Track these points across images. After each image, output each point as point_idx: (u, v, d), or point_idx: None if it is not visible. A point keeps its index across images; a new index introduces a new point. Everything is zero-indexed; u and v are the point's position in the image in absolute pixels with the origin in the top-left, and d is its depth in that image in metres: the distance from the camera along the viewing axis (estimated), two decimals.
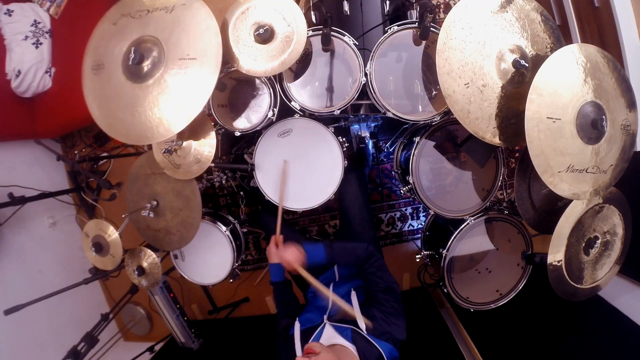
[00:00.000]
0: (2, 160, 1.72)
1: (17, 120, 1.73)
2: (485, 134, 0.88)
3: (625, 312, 1.19)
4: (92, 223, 1.27)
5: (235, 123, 1.16)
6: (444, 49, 0.85)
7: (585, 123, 0.84)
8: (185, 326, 1.64)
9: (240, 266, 1.37)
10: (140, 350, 1.68)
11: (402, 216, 1.85)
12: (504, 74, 0.87)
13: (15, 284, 1.64)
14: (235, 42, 0.96)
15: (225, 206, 1.89)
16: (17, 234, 1.71)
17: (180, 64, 0.86)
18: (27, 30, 1.64)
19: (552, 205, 1.10)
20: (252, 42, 0.96)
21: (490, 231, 1.27)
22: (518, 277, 1.20)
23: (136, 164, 1.20)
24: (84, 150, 2.00)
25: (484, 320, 1.25)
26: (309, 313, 0.97)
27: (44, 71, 1.69)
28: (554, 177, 0.85)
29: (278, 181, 1.14)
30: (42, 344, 1.67)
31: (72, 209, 2.04)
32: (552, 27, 0.91)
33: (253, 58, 0.95)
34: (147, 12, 0.91)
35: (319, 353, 0.71)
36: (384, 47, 1.00)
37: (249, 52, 0.96)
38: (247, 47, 0.96)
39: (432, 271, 1.60)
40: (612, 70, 0.88)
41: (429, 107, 1.10)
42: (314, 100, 1.13)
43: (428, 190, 1.19)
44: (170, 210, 1.15)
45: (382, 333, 0.81)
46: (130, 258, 1.26)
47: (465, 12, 0.85)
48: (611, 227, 1.02)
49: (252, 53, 0.96)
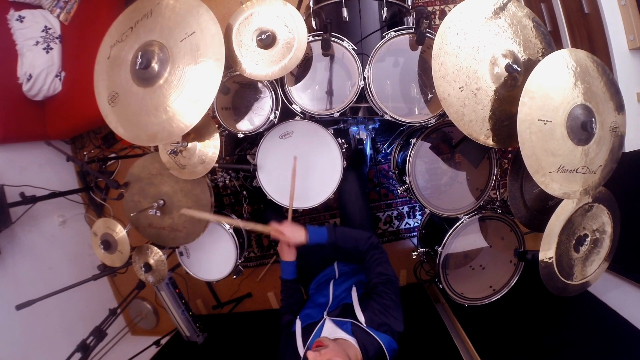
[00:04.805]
0: (14, 161, 1.76)
1: (29, 123, 1.77)
2: (479, 136, 0.90)
3: (614, 307, 1.21)
4: (100, 221, 1.31)
5: (238, 125, 1.18)
6: (440, 54, 0.87)
7: (575, 125, 0.86)
8: (190, 321, 1.67)
9: (243, 263, 1.39)
10: (146, 343, 1.71)
11: (399, 215, 1.88)
12: (497, 77, 0.89)
13: (26, 280, 1.68)
14: (238, 47, 0.98)
15: (228, 205, 1.92)
16: (28, 232, 1.75)
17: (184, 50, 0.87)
18: (37, 36, 1.68)
19: (544, 204, 1.12)
20: (255, 47, 0.98)
21: (483, 229, 1.29)
22: (511, 273, 1.22)
23: (137, 164, 1.21)
24: (93, 152, 2.04)
25: (478, 315, 1.27)
26: (308, 309, 0.99)
27: (54, 75, 1.74)
28: (545, 177, 0.87)
29: (279, 181, 1.17)
30: (52, 338, 1.71)
31: (81, 208, 2.08)
32: (544, 33, 0.93)
33: (255, 62, 0.98)
34: (130, 29, 0.95)
35: (327, 346, 0.74)
36: (382, 52, 1.02)
37: (251, 57, 0.98)
38: (249, 51, 0.98)
39: (428, 268, 1.62)
40: (601, 74, 0.90)
41: (425, 110, 1.12)
42: (314, 103, 1.15)
43: (424, 190, 1.21)
44: (178, 209, 1.17)
45: (380, 325, 0.83)
46: (137, 255, 1.29)
47: (460, 18, 0.87)
48: (600, 225, 1.04)
49: (255, 57, 0.98)
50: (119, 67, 0.96)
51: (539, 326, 1.24)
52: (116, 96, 0.96)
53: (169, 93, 0.90)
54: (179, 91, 0.89)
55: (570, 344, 1.15)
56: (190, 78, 0.89)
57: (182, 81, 0.89)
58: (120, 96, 0.96)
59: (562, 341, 1.16)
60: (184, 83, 0.89)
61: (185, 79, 0.89)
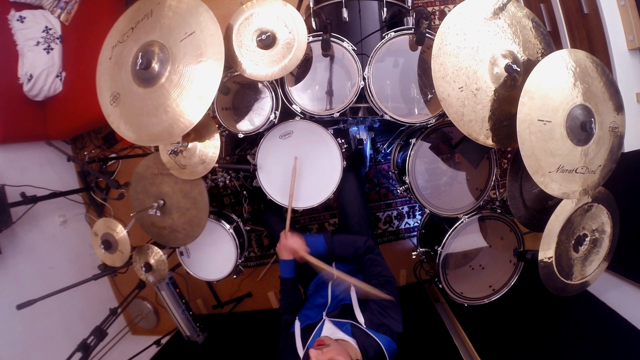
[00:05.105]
0: (15, 161, 1.76)
1: (29, 123, 1.78)
2: (479, 136, 0.90)
3: (613, 307, 1.22)
4: (101, 221, 1.31)
5: (238, 125, 1.18)
6: (439, 54, 0.87)
7: (574, 125, 0.86)
8: (191, 320, 1.68)
9: (244, 263, 1.39)
10: (147, 343, 1.72)
11: (399, 215, 1.88)
12: (496, 78, 0.89)
13: (27, 280, 1.68)
14: (238, 47, 0.98)
15: (229, 205, 1.93)
16: (29, 232, 1.76)
17: (185, 50, 0.88)
18: (38, 36, 1.69)
19: (543, 204, 1.12)
20: (255, 48, 0.98)
21: (483, 229, 1.29)
22: (510, 273, 1.22)
23: (142, 163, 1.22)
24: (94, 152, 2.05)
25: (478, 314, 1.27)
26: (307, 310, 0.99)
27: (55, 75, 1.74)
28: (544, 177, 0.87)
29: (279, 181, 1.17)
30: (53, 338, 1.71)
31: (82, 207, 2.08)
32: (543, 33, 0.93)
33: (255, 63, 0.98)
34: (131, 30, 0.95)
35: (329, 345, 0.74)
36: (382, 52, 1.02)
37: (251, 57, 0.98)
38: (249, 52, 0.98)
39: (428, 267, 1.62)
40: (600, 75, 0.90)
41: (424, 110, 1.12)
42: (314, 104, 1.15)
43: (424, 190, 1.21)
44: (177, 210, 1.18)
45: (379, 325, 0.83)
46: (137, 255, 1.29)
47: (460, 18, 0.87)
48: (599, 225, 1.04)
49: (255, 58, 0.98)
50: (120, 67, 0.96)
51: (539, 326, 1.25)
52: (117, 96, 0.97)
53: (170, 93, 0.90)
54: (179, 91, 0.90)
55: (569, 343, 1.15)
56: (191, 78, 0.89)
57: (182, 81, 0.89)
58: (121, 96, 0.96)
59: (561, 341, 1.17)
60: (184, 83, 0.89)
61: (186, 79, 0.89)
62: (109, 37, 1.00)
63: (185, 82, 0.89)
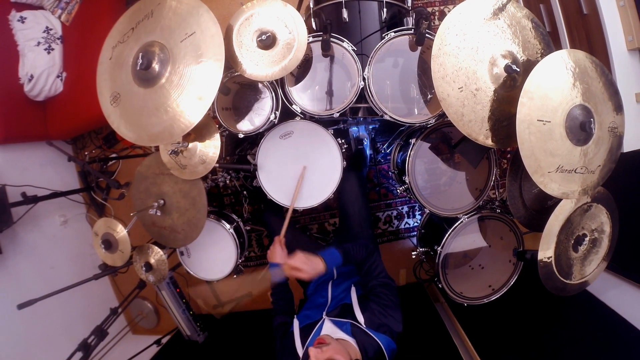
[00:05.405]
0: (16, 161, 1.77)
1: (30, 123, 1.78)
2: (478, 136, 0.90)
3: (612, 306, 1.22)
4: (101, 221, 1.32)
5: (238, 125, 1.19)
6: (439, 55, 0.87)
7: (574, 125, 0.87)
8: (191, 320, 1.69)
9: (244, 262, 1.40)
10: (147, 342, 1.72)
11: (398, 214, 1.89)
12: (496, 78, 0.89)
13: (28, 280, 1.69)
14: (238, 47, 0.98)
15: (229, 205, 1.93)
16: (29, 231, 1.76)
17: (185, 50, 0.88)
18: (39, 37, 1.69)
19: (542, 204, 1.12)
20: (255, 48, 0.98)
21: (483, 229, 1.30)
22: (510, 273, 1.23)
23: (144, 163, 1.23)
24: (94, 152, 2.05)
25: (478, 314, 1.27)
26: (307, 310, 1.00)
27: (56, 75, 1.75)
28: (544, 177, 0.87)
29: (280, 181, 1.17)
30: (54, 337, 1.71)
31: (82, 207, 2.09)
32: (543, 34, 0.94)
33: (255, 63, 0.98)
34: (131, 30, 0.95)
35: (329, 343, 0.75)
36: (382, 52, 1.02)
37: (251, 57, 0.98)
38: (249, 52, 0.98)
39: (428, 267, 1.62)
40: (599, 75, 0.90)
41: (424, 110, 1.12)
42: (314, 104, 1.15)
43: (423, 190, 1.21)
44: (176, 210, 1.18)
45: (379, 325, 0.84)
46: (138, 255, 1.30)
47: (459, 19, 0.87)
48: (599, 225, 1.05)
49: (255, 58, 0.98)
50: (121, 67, 0.97)
51: (538, 325, 1.25)
52: (118, 97, 0.97)
53: (170, 93, 0.90)
54: (179, 91, 0.90)
55: (569, 343, 1.15)
56: (191, 78, 0.89)
57: (182, 81, 0.90)
58: (121, 96, 0.96)
59: (561, 340, 1.17)
60: (184, 83, 0.89)
61: (186, 79, 0.89)
62: (110, 38, 1.00)
63: (186, 82, 0.89)
